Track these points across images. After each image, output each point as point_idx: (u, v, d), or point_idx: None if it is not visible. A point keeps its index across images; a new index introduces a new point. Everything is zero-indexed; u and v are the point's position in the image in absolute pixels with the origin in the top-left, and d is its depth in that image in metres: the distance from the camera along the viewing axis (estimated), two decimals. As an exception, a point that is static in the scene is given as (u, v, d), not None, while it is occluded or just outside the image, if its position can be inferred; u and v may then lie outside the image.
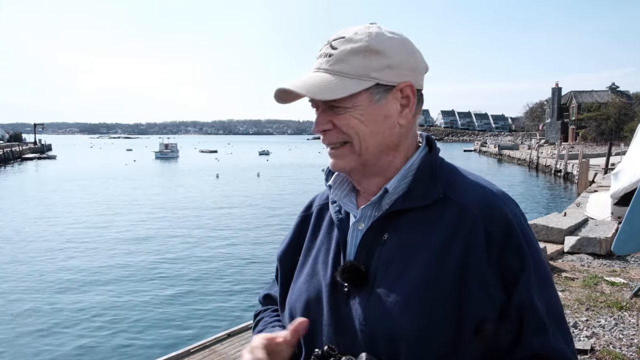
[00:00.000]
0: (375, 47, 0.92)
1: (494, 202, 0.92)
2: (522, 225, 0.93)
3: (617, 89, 67.91)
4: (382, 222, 0.95)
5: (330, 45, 0.94)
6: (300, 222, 1.14)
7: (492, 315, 0.86)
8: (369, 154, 0.95)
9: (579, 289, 5.34)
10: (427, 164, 0.97)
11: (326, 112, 0.94)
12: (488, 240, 0.88)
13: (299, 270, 1.05)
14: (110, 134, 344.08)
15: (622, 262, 6.62)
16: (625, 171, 8.23)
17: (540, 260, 0.93)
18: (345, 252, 0.97)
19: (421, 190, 0.94)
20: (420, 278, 0.87)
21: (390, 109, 0.94)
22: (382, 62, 0.92)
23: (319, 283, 0.98)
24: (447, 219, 0.91)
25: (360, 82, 0.91)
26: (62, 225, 17.57)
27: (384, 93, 0.93)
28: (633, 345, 3.98)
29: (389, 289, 0.88)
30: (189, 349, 5.16)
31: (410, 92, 0.95)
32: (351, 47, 0.92)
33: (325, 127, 0.94)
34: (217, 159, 63.61)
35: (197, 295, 10.04)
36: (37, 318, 8.83)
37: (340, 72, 0.91)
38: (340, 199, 1.04)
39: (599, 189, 14.18)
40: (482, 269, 0.87)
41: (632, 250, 5.58)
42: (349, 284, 0.93)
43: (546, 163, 36.96)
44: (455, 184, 0.95)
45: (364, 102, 0.92)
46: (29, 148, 65.67)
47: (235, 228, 17.22)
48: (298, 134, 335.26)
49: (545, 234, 7.58)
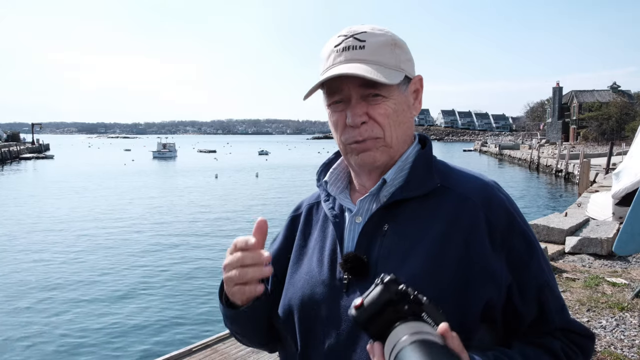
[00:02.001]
0: (397, 41, 0.98)
1: (491, 192, 0.96)
2: (519, 213, 0.97)
3: (618, 89, 67.84)
4: (382, 213, 0.96)
5: (356, 38, 0.95)
6: (291, 222, 1.14)
7: (497, 299, 0.89)
8: (396, 144, 0.98)
9: (580, 290, 5.33)
10: (422, 157, 1.01)
11: (360, 103, 0.95)
12: (490, 228, 0.91)
13: (292, 269, 1.05)
14: (108, 133, 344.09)
15: (623, 262, 6.61)
16: (626, 171, 8.21)
17: (541, 250, 0.98)
18: (342, 247, 0.98)
19: (419, 181, 0.97)
20: (422, 266, 0.88)
21: (409, 99, 1.00)
22: (404, 55, 0.98)
23: (315, 279, 0.98)
24: (447, 207, 0.93)
25: (398, 72, 0.95)
26: (60, 225, 17.55)
27: (406, 85, 0.98)
28: (634, 347, 3.97)
29: None
30: (190, 348, 5.16)
31: (419, 85, 1.02)
32: (381, 40, 0.96)
33: (363, 119, 0.95)
34: (215, 158, 63.44)
35: (198, 294, 10.04)
36: (36, 318, 8.83)
37: (379, 62, 0.94)
38: (336, 194, 1.05)
39: (600, 189, 14.17)
40: (485, 255, 0.89)
41: (634, 250, 5.57)
42: (351, 274, 0.93)
43: (547, 163, 36.89)
44: (451, 176, 0.99)
45: (396, 91, 0.96)
46: (27, 148, 65.36)
47: (235, 228, 17.22)
48: (297, 134, 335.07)
49: (546, 235, 7.57)
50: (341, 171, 1.09)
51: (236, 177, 37.45)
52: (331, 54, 0.96)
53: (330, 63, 0.96)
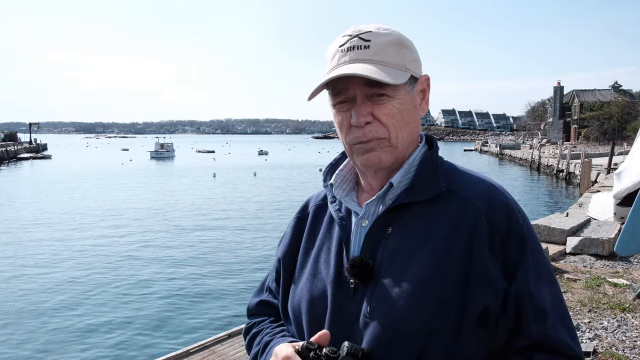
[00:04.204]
0: (403, 41, 0.98)
1: (496, 195, 0.95)
2: (524, 217, 0.96)
3: (619, 88, 67.81)
4: (386, 216, 0.96)
5: (361, 38, 0.95)
6: (297, 222, 1.14)
7: (494, 305, 0.88)
8: (402, 145, 0.97)
9: (581, 291, 5.30)
10: (428, 160, 1.00)
11: (365, 103, 0.94)
12: (491, 232, 0.90)
13: (299, 271, 1.06)
14: (106, 133, 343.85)
15: (625, 263, 6.58)
16: (628, 171, 8.16)
17: (541, 254, 0.95)
18: (349, 249, 0.98)
19: (424, 184, 0.96)
20: (424, 270, 0.89)
21: (416, 100, 0.99)
22: (410, 55, 0.98)
23: (322, 282, 0.99)
24: (451, 212, 0.93)
25: (404, 72, 0.95)
26: (56, 226, 17.54)
27: (412, 84, 0.98)
28: (636, 348, 3.94)
29: (394, 282, 0.90)
30: (188, 349, 5.15)
31: (426, 85, 1.02)
32: (386, 40, 0.95)
33: (368, 119, 0.94)
34: (214, 159, 63.27)
35: (196, 295, 10.02)
36: (35, 319, 8.82)
37: (384, 62, 0.93)
38: (342, 197, 1.05)
39: (602, 189, 14.13)
40: (485, 260, 0.89)
41: (635, 251, 5.55)
42: (357, 280, 0.93)
43: (548, 163, 36.88)
44: (457, 178, 0.98)
45: (402, 91, 0.95)
46: (24, 148, 65.21)
47: (234, 228, 17.21)
48: (297, 133, 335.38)
49: (547, 235, 7.54)
50: (348, 172, 1.09)
51: (235, 177, 37.42)
52: (336, 54, 0.96)
53: (335, 63, 0.95)
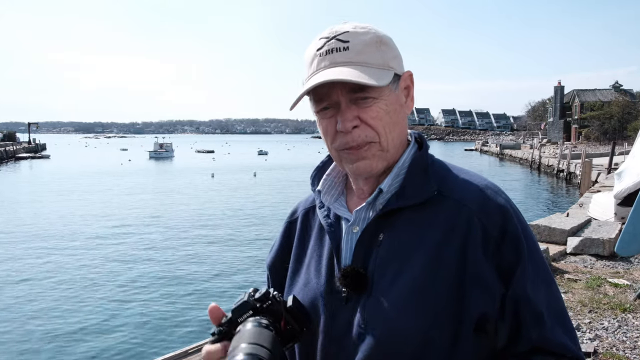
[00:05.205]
0: (382, 38, 0.93)
1: (490, 197, 0.91)
2: (519, 218, 0.92)
3: (620, 88, 67.86)
4: (377, 222, 0.93)
5: (339, 40, 0.90)
6: (287, 228, 1.11)
7: (492, 310, 0.86)
8: (393, 147, 0.94)
9: (581, 291, 5.28)
10: (418, 161, 0.96)
11: (350, 108, 0.90)
12: (485, 236, 0.87)
13: (290, 279, 1.03)
14: (105, 133, 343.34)
15: (625, 263, 6.56)
16: (628, 171, 8.14)
17: (537, 253, 0.92)
18: (340, 257, 0.94)
19: (415, 188, 0.93)
20: (418, 277, 0.86)
21: (401, 98, 0.95)
22: (391, 52, 0.94)
23: (314, 291, 0.96)
24: (443, 216, 0.90)
25: (386, 71, 0.91)
26: (55, 226, 17.57)
27: (396, 82, 0.94)
28: (637, 348, 3.93)
29: (387, 290, 0.87)
30: (186, 350, 5.11)
31: (410, 81, 0.98)
32: (364, 39, 0.91)
33: (354, 123, 0.90)
34: (214, 158, 63.17)
35: (195, 296, 10.01)
36: (33, 319, 8.81)
37: (365, 63, 0.89)
38: (331, 204, 1.01)
39: (602, 189, 14.10)
40: (479, 264, 0.86)
41: (636, 251, 5.54)
42: (350, 289, 0.90)
43: (548, 163, 36.88)
44: (449, 180, 0.95)
45: (386, 91, 0.91)
46: (23, 147, 65.24)
47: (234, 228, 17.22)
48: (296, 133, 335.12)
49: (547, 235, 7.51)
50: (336, 176, 1.05)
51: (234, 177, 37.40)
52: (314, 59, 0.91)
53: (315, 69, 0.91)
